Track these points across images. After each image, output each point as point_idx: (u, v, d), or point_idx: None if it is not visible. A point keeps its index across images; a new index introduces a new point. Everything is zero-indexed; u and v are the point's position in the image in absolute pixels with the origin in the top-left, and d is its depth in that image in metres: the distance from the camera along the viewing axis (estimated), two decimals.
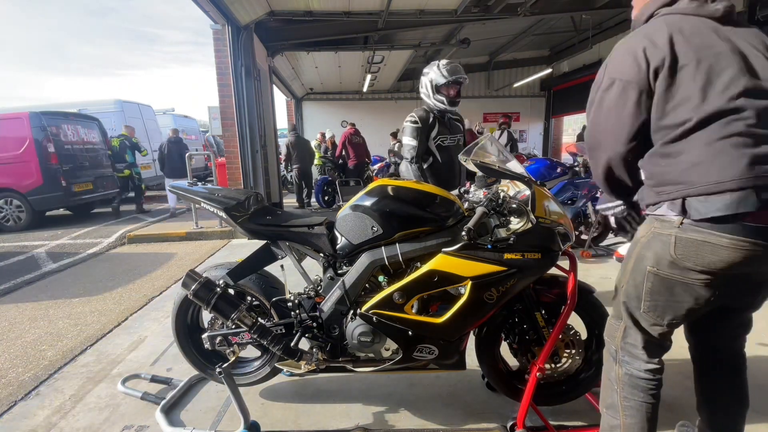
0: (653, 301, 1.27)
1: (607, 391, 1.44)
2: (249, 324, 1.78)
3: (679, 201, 1.14)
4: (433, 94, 2.69)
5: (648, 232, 1.26)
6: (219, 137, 8.06)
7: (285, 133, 14.01)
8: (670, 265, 1.20)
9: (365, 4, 6.46)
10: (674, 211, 1.16)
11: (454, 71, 2.63)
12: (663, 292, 1.24)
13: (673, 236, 1.17)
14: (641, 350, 1.34)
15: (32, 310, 3.56)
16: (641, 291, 1.28)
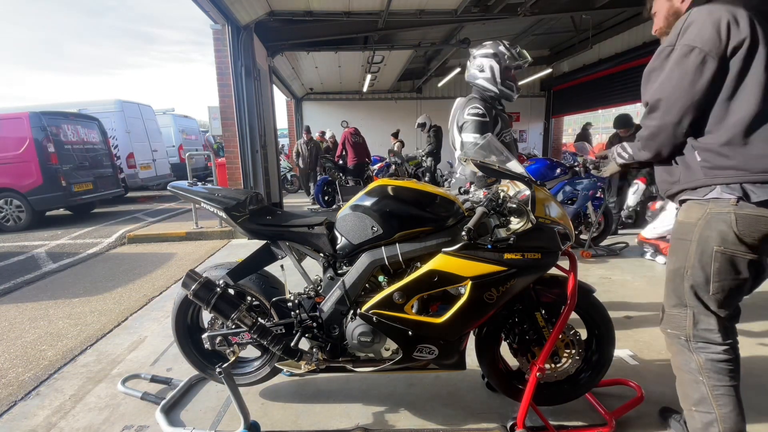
0: (721, 282, 1.30)
1: (690, 386, 1.42)
2: (249, 324, 1.78)
3: (737, 185, 1.24)
4: (501, 80, 2.36)
5: (704, 213, 1.31)
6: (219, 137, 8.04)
7: (285, 133, 14.04)
8: (735, 242, 1.26)
9: (365, 4, 6.46)
10: (732, 194, 1.25)
11: (522, 54, 2.40)
12: (730, 271, 1.29)
13: (732, 213, 1.25)
14: (717, 334, 1.36)
15: (32, 310, 3.56)
16: (709, 272, 1.31)
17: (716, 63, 1.21)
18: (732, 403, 1.36)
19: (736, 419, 1.39)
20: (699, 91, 1.24)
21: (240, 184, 6.42)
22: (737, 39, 1.19)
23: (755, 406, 1.95)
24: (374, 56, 9.26)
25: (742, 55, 1.20)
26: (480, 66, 2.38)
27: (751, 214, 1.23)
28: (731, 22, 1.20)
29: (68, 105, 10.25)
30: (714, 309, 1.35)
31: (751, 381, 2.14)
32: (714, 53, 1.21)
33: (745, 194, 1.23)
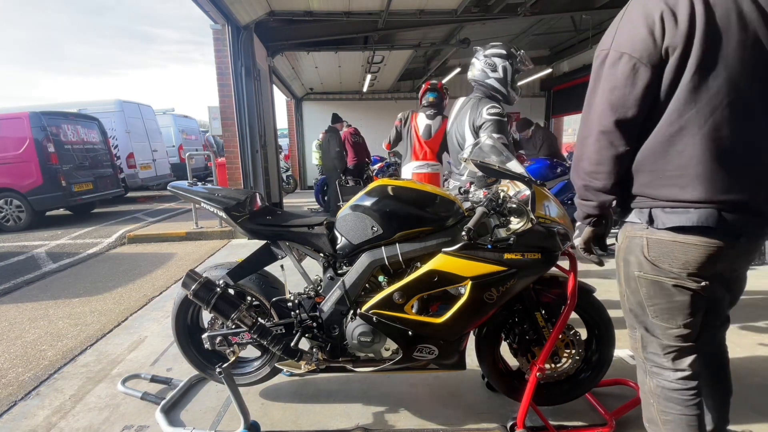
0: (656, 306, 1.22)
1: (645, 405, 1.36)
2: (249, 324, 1.78)
3: (647, 210, 1.14)
4: (512, 83, 2.32)
5: (623, 236, 1.24)
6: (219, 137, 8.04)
7: (285, 132, 14.03)
8: (652, 267, 1.17)
9: (365, 4, 6.46)
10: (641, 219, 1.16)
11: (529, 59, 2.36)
12: (660, 295, 1.20)
13: (645, 238, 1.16)
14: (664, 359, 1.26)
15: (32, 310, 3.56)
16: (641, 297, 1.24)
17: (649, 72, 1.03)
18: (681, 430, 1.25)
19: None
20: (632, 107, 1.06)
21: (240, 184, 6.42)
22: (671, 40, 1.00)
23: (755, 406, 1.95)
24: (374, 56, 9.25)
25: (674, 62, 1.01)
26: (492, 65, 2.31)
27: (663, 239, 1.12)
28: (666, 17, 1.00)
29: (68, 105, 10.25)
30: (659, 334, 1.24)
31: (752, 381, 2.14)
32: (646, 60, 1.03)
33: (651, 219, 1.13)
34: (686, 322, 1.21)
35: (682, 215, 1.07)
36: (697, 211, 1.06)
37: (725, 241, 1.08)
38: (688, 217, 1.07)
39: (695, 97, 1.02)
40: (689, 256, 1.11)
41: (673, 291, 1.18)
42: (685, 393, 1.24)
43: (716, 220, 1.05)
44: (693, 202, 1.06)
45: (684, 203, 1.07)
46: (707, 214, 1.06)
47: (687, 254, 1.11)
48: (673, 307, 1.20)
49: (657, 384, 1.28)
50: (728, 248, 1.10)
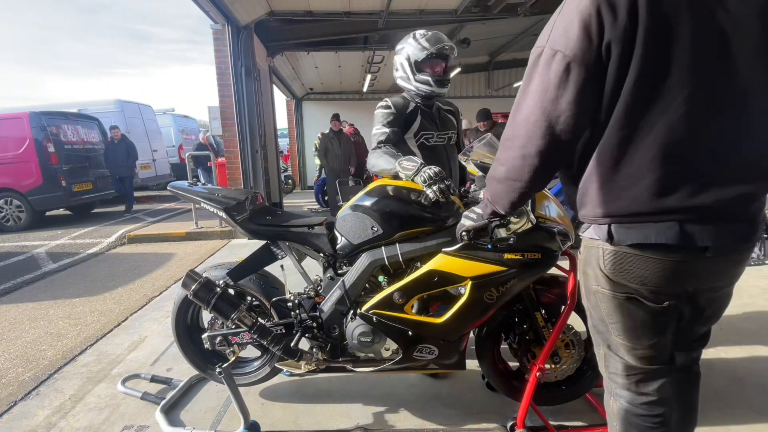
0: (617, 323, 1.08)
1: (609, 425, 1.26)
2: (249, 324, 1.78)
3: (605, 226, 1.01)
4: (413, 74, 2.02)
5: (583, 246, 1.12)
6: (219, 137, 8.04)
7: (285, 132, 14.02)
8: (607, 281, 1.04)
9: (365, 4, 6.46)
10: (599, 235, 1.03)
11: (437, 39, 2.00)
12: (619, 313, 1.06)
13: (600, 248, 1.03)
14: (626, 379, 1.13)
15: (32, 310, 3.56)
16: (601, 313, 1.11)
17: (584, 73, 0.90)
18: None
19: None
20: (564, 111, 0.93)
21: (240, 184, 6.42)
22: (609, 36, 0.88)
23: (755, 406, 1.95)
24: (374, 56, 9.25)
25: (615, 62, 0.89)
26: (394, 66, 2.11)
27: (620, 251, 0.99)
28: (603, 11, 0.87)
29: (68, 105, 10.26)
30: (622, 354, 1.11)
31: (752, 381, 2.14)
32: (580, 59, 0.90)
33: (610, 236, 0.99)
34: (652, 343, 1.07)
35: (639, 231, 0.96)
36: (655, 226, 0.94)
37: (688, 257, 0.96)
38: (645, 233, 0.95)
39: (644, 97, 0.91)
40: (647, 271, 0.98)
41: (633, 308, 1.04)
42: (648, 419, 1.11)
43: (676, 236, 0.93)
44: (650, 213, 0.94)
45: (641, 216, 0.95)
46: (666, 228, 0.93)
47: (645, 269, 0.98)
48: (636, 326, 1.06)
49: (620, 406, 1.16)
50: (693, 263, 0.97)
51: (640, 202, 0.94)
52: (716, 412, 1.90)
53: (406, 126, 2.08)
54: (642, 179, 0.93)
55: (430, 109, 2.14)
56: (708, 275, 1.01)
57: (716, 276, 1.03)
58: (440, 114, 2.19)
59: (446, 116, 2.21)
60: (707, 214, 0.93)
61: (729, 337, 2.56)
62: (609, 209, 0.98)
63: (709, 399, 2.00)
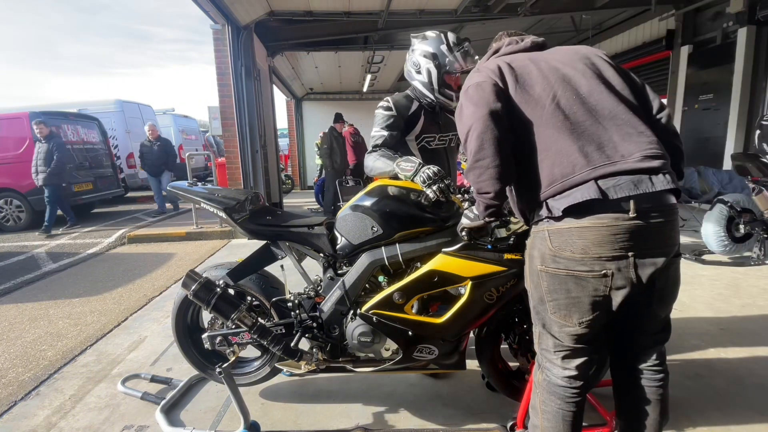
0: (555, 301, 1.26)
1: (533, 392, 1.44)
2: (249, 324, 1.78)
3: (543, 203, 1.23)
4: (439, 86, 1.96)
5: (531, 234, 1.32)
6: (219, 137, 8.04)
7: (285, 132, 14.02)
8: (553, 259, 1.22)
9: (365, 4, 6.45)
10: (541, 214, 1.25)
11: (467, 53, 1.95)
12: (560, 290, 1.24)
13: (546, 231, 1.23)
14: (553, 354, 1.32)
15: (32, 310, 3.56)
16: (542, 292, 1.28)
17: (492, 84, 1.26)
18: (555, 422, 1.32)
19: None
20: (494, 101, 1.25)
21: (240, 184, 6.41)
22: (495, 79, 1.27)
23: (755, 406, 1.95)
24: (374, 56, 9.25)
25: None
26: (416, 65, 1.99)
27: (561, 227, 1.19)
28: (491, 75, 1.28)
29: (68, 105, 10.25)
30: (555, 331, 1.29)
31: (752, 381, 2.15)
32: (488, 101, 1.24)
33: (549, 210, 1.21)
34: (583, 321, 1.23)
35: (569, 197, 1.16)
36: (579, 189, 1.15)
37: (617, 220, 1.13)
38: (573, 197, 1.15)
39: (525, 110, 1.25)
40: (586, 239, 1.16)
41: (572, 285, 1.21)
42: (567, 390, 1.31)
43: (596, 190, 1.13)
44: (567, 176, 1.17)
45: (560, 182, 1.18)
46: (587, 188, 1.14)
47: (584, 238, 1.16)
48: (571, 303, 1.23)
49: (544, 378, 1.36)
50: (623, 225, 1.13)
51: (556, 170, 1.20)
52: (716, 412, 1.90)
53: (407, 128, 2.05)
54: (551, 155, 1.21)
55: (433, 109, 2.10)
56: (642, 237, 1.15)
57: (651, 239, 1.17)
58: (442, 115, 2.15)
59: (448, 117, 2.17)
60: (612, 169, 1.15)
61: (729, 337, 2.56)
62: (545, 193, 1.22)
63: (709, 399, 2.00)
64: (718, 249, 4.02)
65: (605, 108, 1.21)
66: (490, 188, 1.28)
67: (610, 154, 1.17)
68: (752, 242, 4.02)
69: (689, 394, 2.04)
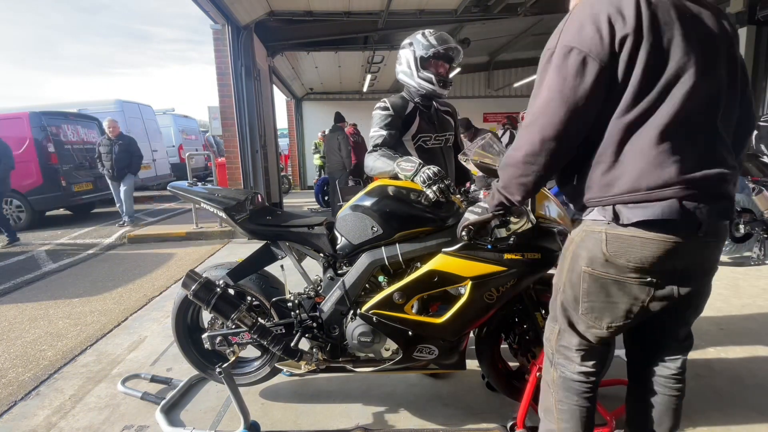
0: (590, 303, 1.21)
1: (543, 394, 1.41)
2: (249, 324, 1.78)
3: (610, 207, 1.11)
4: (417, 71, 2.01)
5: (581, 231, 1.22)
6: (219, 137, 8.04)
7: (285, 132, 14.02)
8: (603, 263, 1.15)
9: (365, 4, 6.46)
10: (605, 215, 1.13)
11: (444, 39, 2.02)
12: (599, 293, 1.19)
13: (604, 233, 1.13)
14: (575, 353, 1.29)
15: (32, 310, 3.56)
16: (578, 292, 1.22)
17: (598, 65, 1.03)
18: (573, 421, 1.30)
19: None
20: (581, 98, 1.04)
21: (240, 184, 6.42)
22: (621, 34, 1.01)
23: (755, 406, 1.95)
24: (374, 56, 9.25)
25: (625, 57, 1.02)
26: (399, 59, 2.09)
27: (623, 234, 1.10)
28: (613, 16, 1.02)
29: (68, 105, 10.26)
30: (581, 329, 1.26)
31: (752, 381, 2.14)
32: (595, 54, 1.02)
33: (616, 215, 1.10)
34: (612, 326, 1.20)
35: (647, 209, 1.06)
36: (660, 204, 1.05)
37: (684, 235, 1.07)
38: (652, 210, 1.05)
39: (648, 85, 1.04)
40: (646, 251, 1.09)
41: (614, 291, 1.17)
42: (583, 385, 1.29)
43: (678, 211, 1.04)
44: (650, 189, 1.05)
45: (644, 192, 1.06)
46: (668, 205, 1.04)
47: (644, 249, 1.09)
48: (606, 307, 1.19)
49: (560, 375, 1.33)
50: (688, 243, 1.08)
51: (640, 178, 1.05)
52: (716, 412, 1.90)
53: (404, 128, 2.07)
54: (642, 158, 1.05)
55: (428, 109, 2.13)
56: (696, 255, 1.13)
57: (702, 257, 1.15)
58: (438, 115, 2.18)
59: (444, 117, 2.20)
60: (698, 192, 1.05)
61: (729, 337, 2.56)
62: (615, 189, 1.09)
63: (709, 399, 2.00)
64: None
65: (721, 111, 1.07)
66: (518, 195, 1.22)
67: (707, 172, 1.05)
68: (752, 242, 4.02)
69: (689, 394, 2.02)
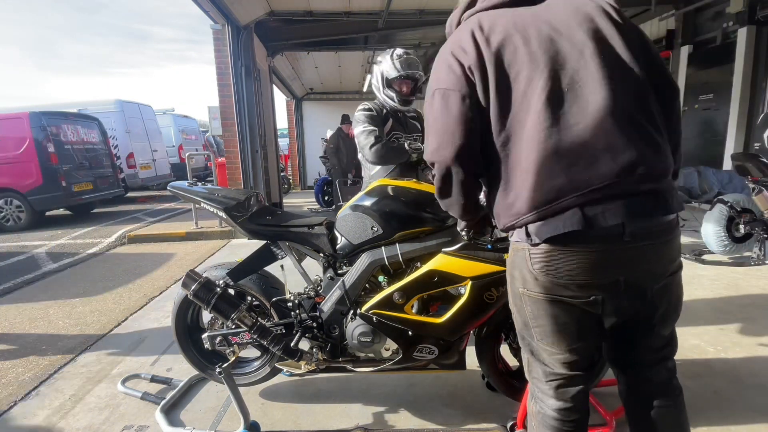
0: (541, 327, 1.10)
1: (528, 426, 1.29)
2: (249, 324, 1.78)
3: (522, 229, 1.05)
4: (383, 87, 2.36)
5: (510, 250, 1.15)
6: (219, 137, 8.04)
7: (285, 132, 14.02)
8: (534, 282, 1.06)
9: (365, 4, 6.46)
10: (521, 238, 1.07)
11: (409, 64, 2.33)
12: (545, 315, 1.08)
13: (527, 250, 1.05)
14: (545, 384, 1.16)
15: (32, 310, 3.56)
16: (526, 317, 1.13)
17: (459, 95, 1.05)
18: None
19: None
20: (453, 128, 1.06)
21: (240, 184, 6.41)
22: (467, 65, 1.05)
23: (755, 406, 1.95)
24: (374, 56, 9.25)
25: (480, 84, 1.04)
26: (374, 73, 2.43)
27: (543, 248, 1.02)
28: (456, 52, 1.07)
29: (68, 105, 10.26)
30: (545, 357, 1.13)
31: (752, 381, 2.14)
32: (453, 87, 1.06)
33: (528, 235, 1.03)
34: (573, 348, 1.09)
35: (550, 224, 1.00)
36: (561, 217, 0.98)
37: (606, 245, 0.99)
38: (554, 226, 0.99)
39: (506, 103, 1.03)
40: (573, 264, 1.00)
41: (557, 311, 1.06)
42: (564, 424, 1.14)
43: (580, 220, 0.96)
44: (549, 203, 0.99)
45: (543, 209, 1.00)
46: (570, 215, 0.97)
47: (570, 263, 1.00)
48: (557, 329, 1.08)
49: (538, 410, 1.20)
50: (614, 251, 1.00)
51: (534, 195, 1.00)
52: (716, 412, 1.90)
53: (382, 125, 2.41)
54: (527, 174, 1.01)
55: (398, 113, 2.50)
56: (634, 261, 1.03)
57: (645, 261, 1.04)
58: (406, 119, 2.55)
59: (411, 121, 2.58)
60: (600, 194, 0.97)
61: (729, 337, 2.56)
62: (518, 210, 1.04)
63: (709, 399, 2.00)
64: (718, 249, 4.02)
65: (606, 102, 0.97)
66: (462, 221, 1.32)
67: (603, 171, 0.96)
68: (752, 242, 4.02)
69: (689, 394, 2.02)
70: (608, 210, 0.96)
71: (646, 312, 1.10)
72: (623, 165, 0.96)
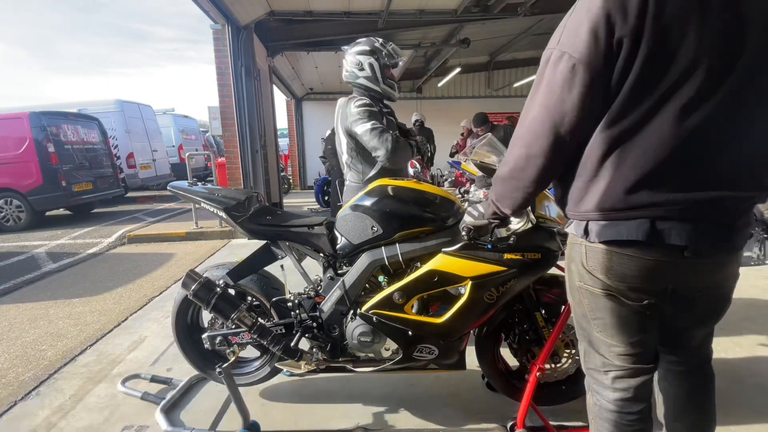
0: (601, 320, 1.09)
1: (589, 421, 1.25)
2: (249, 324, 1.78)
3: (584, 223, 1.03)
4: (383, 78, 2.21)
5: (568, 243, 1.14)
6: (219, 137, 8.04)
7: (285, 132, 14.01)
8: (590, 277, 1.05)
9: (365, 4, 6.46)
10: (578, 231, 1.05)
11: (398, 51, 2.26)
12: (603, 309, 1.07)
13: (584, 246, 1.04)
14: (603, 375, 1.14)
15: (32, 310, 3.56)
16: (585, 309, 1.12)
17: (589, 75, 0.90)
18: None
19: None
20: (569, 112, 0.93)
21: (240, 184, 6.41)
22: (618, 35, 0.87)
23: (755, 406, 1.95)
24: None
25: (621, 62, 0.89)
26: (359, 64, 2.22)
27: (599, 247, 1.01)
28: (613, 13, 0.86)
29: (68, 105, 10.26)
30: (603, 350, 1.12)
31: (751, 381, 2.14)
32: (587, 60, 0.89)
33: (587, 232, 1.02)
34: (633, 341, 1.08)
35: (612, 228, 0.97)
36: (627, 223, 0.95)
37: (665, 255, 0.96)
38: (617, 230, 0.96)
39: (640, 96, 0.91)
40: (627, 268, 0.99)
41: (614, 305, 1.05)
42: (623, 417, 1.11)
43: (647, 232, 0.93)
44: (621, 210, 0.95)
45: (613, 212, 0.97)
46: (637, 225, 0.94)
47: (623, 266, 0.99)
48: (617, 323, 1.07)
49: (595, 401, 1.18)
50: (671, 263, 0.97)
51: (612, 197, 0.96)
52: (716, 411, 1.90)
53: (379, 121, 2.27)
54: (619, 176, 0.94)
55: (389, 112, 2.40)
56: (688, 276, 1.01)
57: (699, 277, 1.03)
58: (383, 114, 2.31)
59: (390, 119, 2.34)
60: (679, 213, 0.93)
61: (729, 337, 2.56)
62: (586, 205, 1.01)
63: None
64: None
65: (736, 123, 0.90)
66: (508, 208, 1.16)
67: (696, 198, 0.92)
68: (752, 242, 4.02)
69: None
70: (675, 229, 0.93)
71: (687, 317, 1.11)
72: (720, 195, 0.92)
